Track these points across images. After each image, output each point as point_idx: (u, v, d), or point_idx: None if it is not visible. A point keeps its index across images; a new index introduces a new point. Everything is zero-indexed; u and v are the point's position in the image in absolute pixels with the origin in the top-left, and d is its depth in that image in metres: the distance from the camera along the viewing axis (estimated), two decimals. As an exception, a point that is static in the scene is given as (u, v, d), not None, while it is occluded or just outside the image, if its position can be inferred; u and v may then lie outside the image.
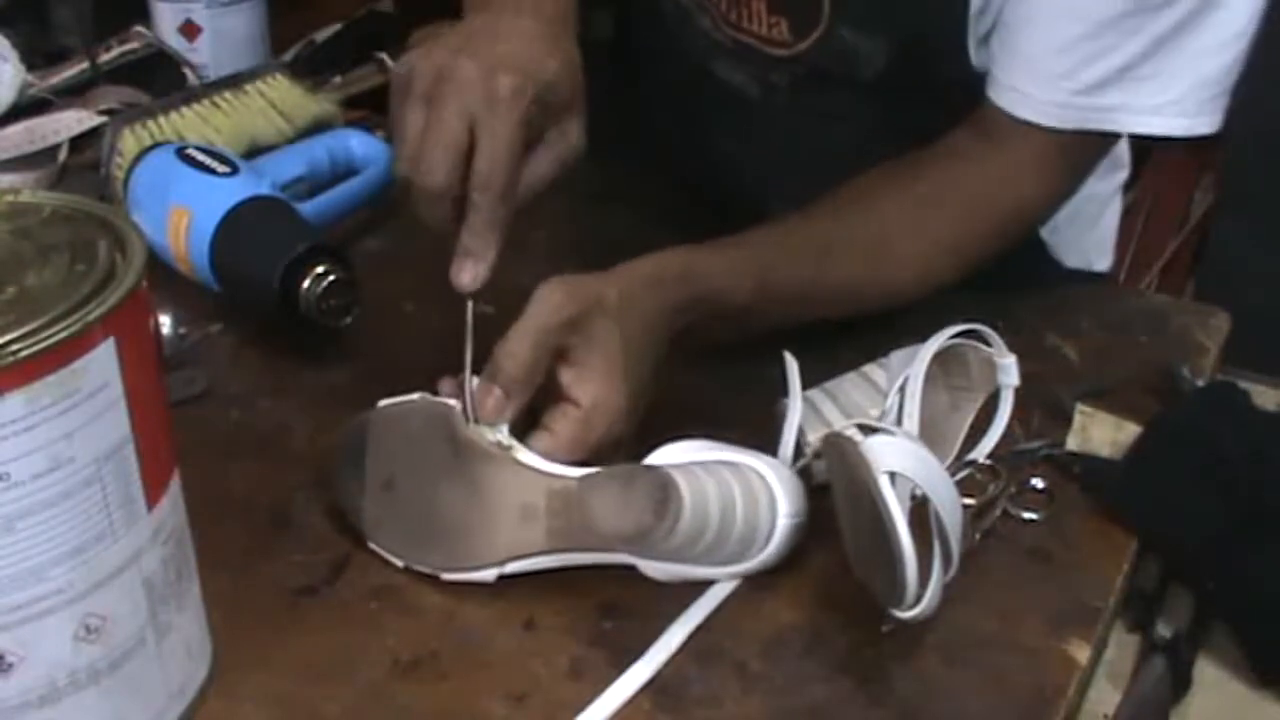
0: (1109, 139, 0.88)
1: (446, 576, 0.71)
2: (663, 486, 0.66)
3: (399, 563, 0.73)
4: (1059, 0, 0.81)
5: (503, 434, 0.71)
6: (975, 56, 0.88)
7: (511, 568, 0.71)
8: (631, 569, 0.71)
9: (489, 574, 0.71)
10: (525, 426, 0.73)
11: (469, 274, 0.73)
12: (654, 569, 0.71)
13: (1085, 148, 0.87)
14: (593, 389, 0.72)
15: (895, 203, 0.86)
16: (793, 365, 0.78)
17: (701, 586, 0.72)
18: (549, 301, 0.72)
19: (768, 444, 0.77)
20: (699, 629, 0.70)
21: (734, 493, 0.69)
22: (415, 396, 0.75)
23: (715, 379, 0.87)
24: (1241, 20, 0.82)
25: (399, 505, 0.73)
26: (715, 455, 0.72)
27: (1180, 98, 0.83)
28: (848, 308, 0.86)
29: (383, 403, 0.75)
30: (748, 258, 0.80)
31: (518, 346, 0.71)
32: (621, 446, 0.73)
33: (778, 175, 0.86)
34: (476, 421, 0.71)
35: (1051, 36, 0.82)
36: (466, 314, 0.74)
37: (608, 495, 0.67)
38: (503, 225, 0.73)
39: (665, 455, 0.72)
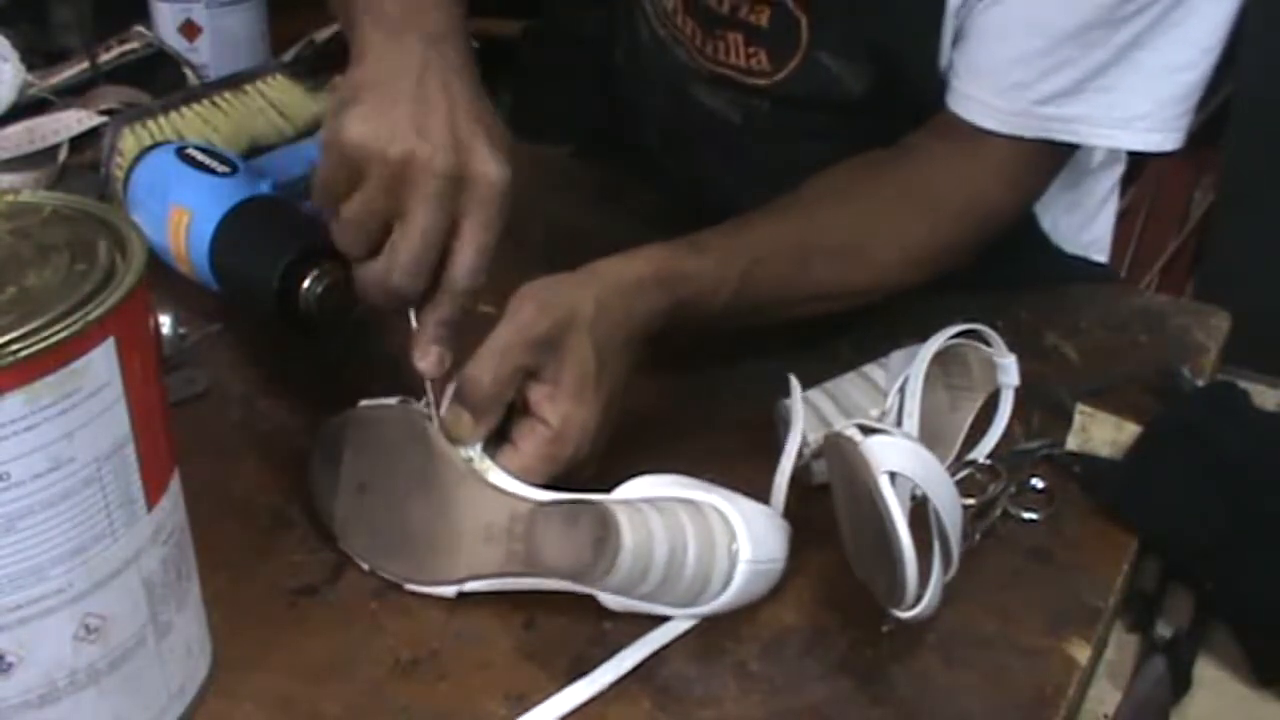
0: (1072, 148, 0.88)
1: (410, 587, 0.71)
2: (603, 525, 0.66)
3: (365, 566, 0.73)
4: (1019, 12, 0.81)
5: (475, 452, 0.71)
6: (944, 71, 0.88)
7: (470, 586, 0.70)
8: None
9: (449, 590, 0.71)
10: (496, 436, 0.72)
11: (435, 359, 0.71)
12: (611, 601, 0.69)
13: (1049, 154, 0.87)
14: (563, 408, 0.71)
15: (866, 204, 0.86)
16: (796, 393, 0.77)
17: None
18: (518, 318, 0.71)
19: (766, 452, 0.76)
20: (695, 630, 0.70)
21: (686, 536, 0.68)
22: (394, 401, 0.74)
23: (714, 379, 0.87)
24: (1206, 38, 0.82)
25: (369, 510, 0.73)
26: (683, 493, 0.70)
27: (1147, 113, 0.83)
28: (819, 309, 0.86)
29: (362, 403, 0.75)
30: (728, 261, 0.80)
31: (481, 371, 0.70)
32: (591, 463, 0.73)
33: (763, 195, 0.85)
34: (452, 441, 0.71)
35: (1011, 48, 0.82)
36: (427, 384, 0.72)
37: (552, 529, 0.67)
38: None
39: (631, 489, 0.70)
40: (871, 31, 0.88)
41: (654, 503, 0.69)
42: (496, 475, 0.70)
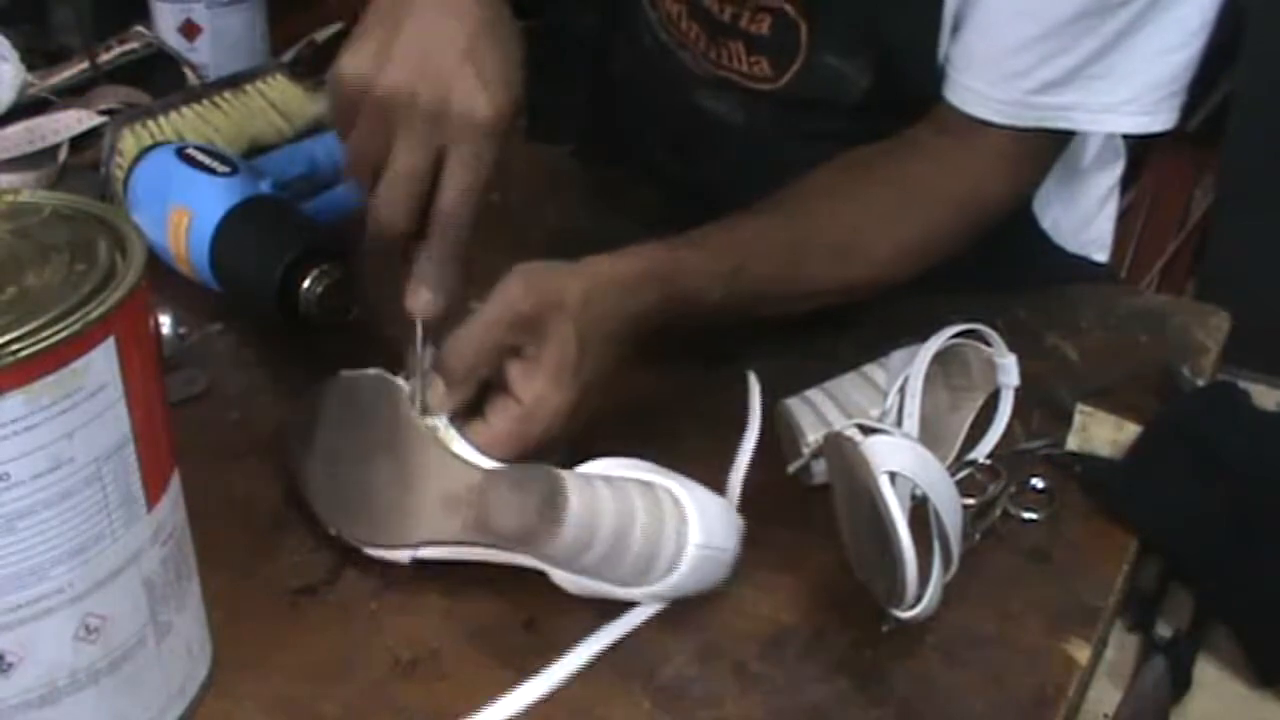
0: (1067, 136, 0.88)
1: (369, 551, 0.72)
2: (552, 490, 0.66)
3: (332, 530, 0.73)
4: (1015, 2, 0.81)
5: (441, 422, 0.72)
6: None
7: (425, 553, 0.71)
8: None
9: (404, 555, 0.71)
10: (471, 413, 0.73)
11: (425, 300, 0.71)
12: (562, 579, 0.70)
13: (1045, 144, 0.87)
14: (536, 387, 0.71)
15: (861, 199, 0.86)
16: (754, 390, 0.77)
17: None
18: (504, 295, 0.71)
19: (764, 452, 0.77)
20: (695, 630, 0.70)
21: (635, 511, 0.68)
22: (371, 371, 0.75)
23: (714, 380, 0.87)
24: (1196, 18, 0.82)
25: (338, 474, 0.74)
26: (638, 475, 0.70)
27: (1136, 96, 0.83)
28: (816, 303, 0.86)
29: (342, 372, 0.76)
30: (721, 257, 0.80)
31: (461, 341, 0.71)
32: (558, 446, 0.72)
33: (766, 196, 0.86)
34: (425, 412, 0.72)
35: (1007, 37, 0.82)
36: (416, 327, 0.73)
37: (501, 492, 0.68)
38: (465, 251, 0.71)
39: (589, 468, 0.70)
40: (873, 30, 0.88)
41: (608, 479, 0.69)
42: (459, 445, 0.71)
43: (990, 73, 0.83)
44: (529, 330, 0.71)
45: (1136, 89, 0.82)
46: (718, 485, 0.74)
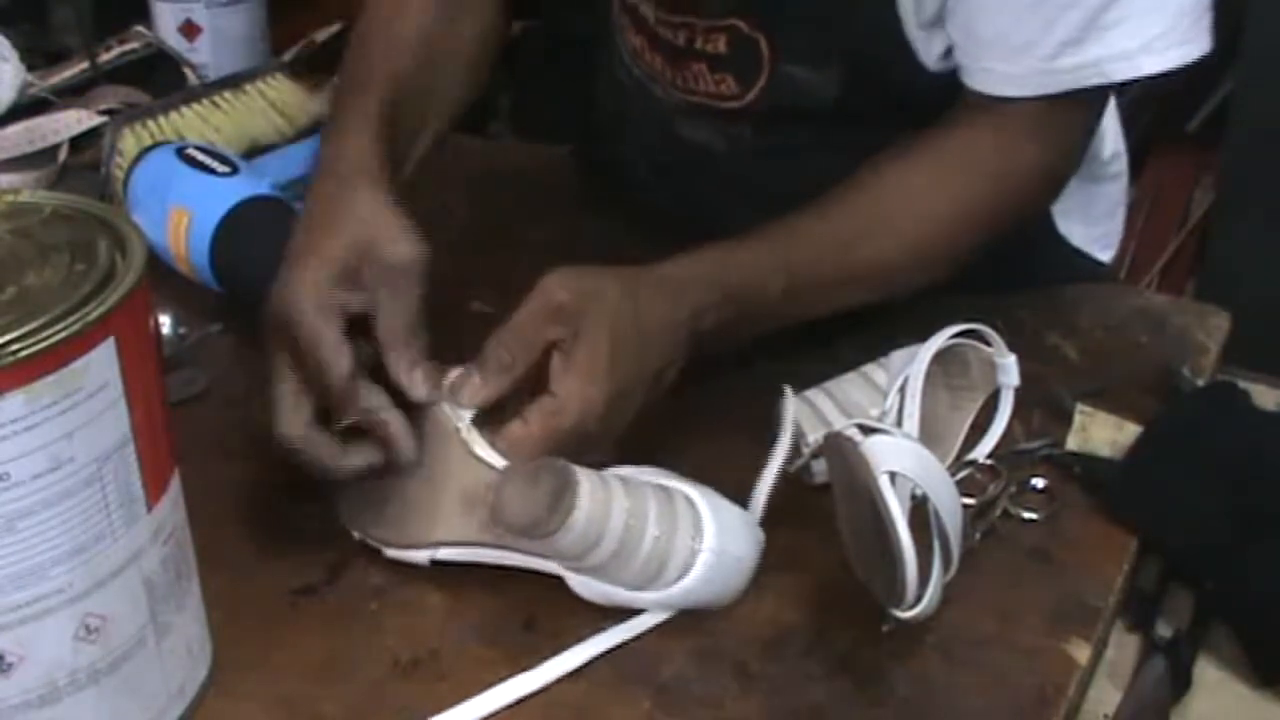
0: (1100, 99, 0.87)
1: (389, 553, 0.73)
2: (563, 482, 0.66)
3: (355, 534, 0.74)
4: None
5: (464, 423, 0.72)
6: (934, 64, 0.87)
7: (443, 554, 0.71)
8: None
9: (423, 555, 0.72)
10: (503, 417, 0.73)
11: (419, 381, 0.72)
12: (578, 584, 0.70)
13: (1075, 109, 0.86)
14: (569, 381, 0.71)
15: (897, 181, 0.85)
16: (789, 404, 0.77)
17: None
18: (543, 289, 0.71)
19: (763, 449, 0.77)
20: (696, 630, 0.70)
21: (648, 512, 0.68)
22: None
23: (724, 381, 0.87)
24: None
25: (366, 482, 0.74)
26: (656, 479, 0.71)
27: (1165, 29, 0.80)
28: (881, 290, 0.85)
29: None
30: (774, 252, 0.80)
31: (502, 336, 0.71)
32: (596, 446, 0.72)
33: (760, 219, 0.85)
34: (457, 404, 0.72)
35: (1006, 12, 0.81)
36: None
37: (513, 485, 0.68)
38: (418, 343, 0.72)
39: (610, 472, 0.71)
40: (836, 39, 0.88)
41: (624, 479, 0.69)
42: (481, 448, 0.71)
43: (1001, 49, 0.82)
44: (566, 323, 0.71)
45: (1163, 23, 0.80)
46: (719, 486, 0.73)
